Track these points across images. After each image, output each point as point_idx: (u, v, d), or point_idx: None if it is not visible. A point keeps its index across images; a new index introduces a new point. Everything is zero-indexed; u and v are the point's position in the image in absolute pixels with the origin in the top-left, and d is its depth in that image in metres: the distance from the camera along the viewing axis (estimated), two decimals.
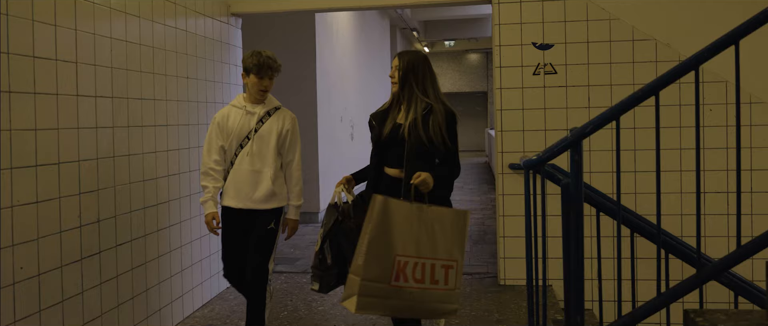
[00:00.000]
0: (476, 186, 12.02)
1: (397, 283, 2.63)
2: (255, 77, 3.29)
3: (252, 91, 3.34)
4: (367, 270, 2.58)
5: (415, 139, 2.84)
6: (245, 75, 3.32)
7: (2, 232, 2.56)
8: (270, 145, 3.32)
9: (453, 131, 2.92)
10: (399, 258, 2.62)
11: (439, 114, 2.87)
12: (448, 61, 22.47)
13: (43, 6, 2.82)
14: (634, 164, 4.38)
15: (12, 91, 2.62)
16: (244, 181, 3.31)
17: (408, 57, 2.99)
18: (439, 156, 2.88)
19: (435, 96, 2.95)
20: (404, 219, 2.65)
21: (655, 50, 4.41)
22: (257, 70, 3.27)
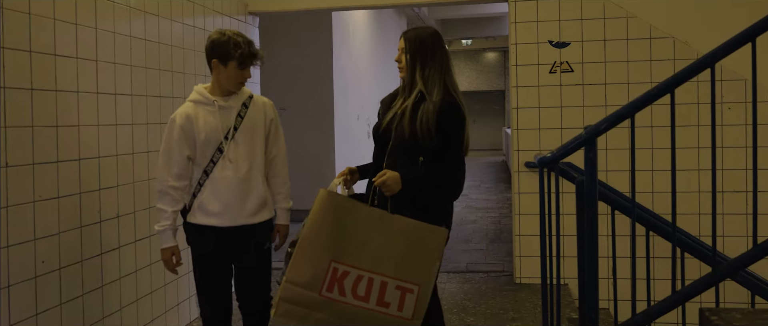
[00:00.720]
0: (493, 185, 11.99)
1: (329, 294, 2.22)
2: (237, 67, 2.66)
3: (227, 83, 2.69)
4: (295, 272, 2.22)
5: (398, 133, 2.41)
6: (219, 63, 2.66)
7: (24, 227, 2.62)
8: (257, 142, 2.74)
9: (451, 126, 2.39)
10: (335, 265, 2.23)
11: (431, 102, 2.39)
12: (465, 59, 22.42)
13: (65, 5, 2.88)
14: (650, 162, 4.36)
15: (34, 89, 2.68)
16: (231, 192, 2.66)
17: (414, 35, 2.52)
18: (424, 154, 2.38)
19: (440, 81, 2.47)
20: (355, 222, 2.26)
21: (673, 48, 4.38)
22: (242, 59, 2.65)
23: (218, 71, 2.67)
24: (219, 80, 2.70)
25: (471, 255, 5.88)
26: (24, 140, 2.62)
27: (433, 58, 2.49)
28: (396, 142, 2.41)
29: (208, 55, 2.69)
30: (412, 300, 2.21)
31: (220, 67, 2.66)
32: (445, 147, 2.37)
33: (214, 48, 2.66)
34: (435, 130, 2.34)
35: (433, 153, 2.37)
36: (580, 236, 2.53)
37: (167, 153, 2.67)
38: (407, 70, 2.50)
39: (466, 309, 4.23)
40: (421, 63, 2.48)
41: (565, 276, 4.39)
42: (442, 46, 2.53)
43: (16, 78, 2.58)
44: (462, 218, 8.04)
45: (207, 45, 2.69)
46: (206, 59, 2.70)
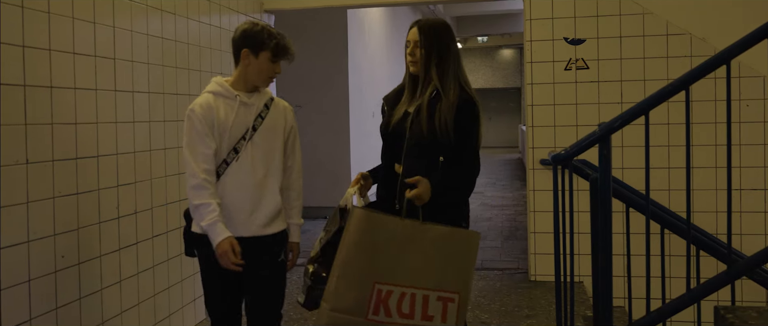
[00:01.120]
0: (508, 182, 11.96)
1: (375, 318, 2.12)
2: (269, 59, 2.46)
3: (256, 77, 2.48)
4: (338, 298, 2.12)
5: (415, 131, 2.34)
6: (250, 53, 2.45)
7: (44, 222, 2.66)
8: (276, 146, 2.52)
9: (468, 123, 2.34)
10: (380, 287, 2.14)
11: (448, 99, 2.32)
12: (481, 56, 22.35)
13: (83, 4, 2.92)
14: (667, 160, 4.33)
15: (53, 87, 2.72)
16: (242, 198, 2.45)
17: (429, 27, 2.42)
18: (444, 154, 2.33)
19: (454, 77, 2.40)
20: (391, 239, 2.16)
21: (689, 45, 4.35)
22: (276, 50, 2.46)
23: (247, 62, 2.46)
24: (247, 73, 2.48)
25: (486, 253, 5.88)
26: (44, 137, 2.67)
27: (448, 52, 2.41)
28: (413, 141, 2.33)
29: (237, 45, 2.48)
30: (454, 310, 2.15)
31: (251, 57, 2.45)
32: (462, 145, 2.33)
33: (246, 37, 2.45)
34: (452, 128, 2.30)
35: (451, 151, 2.32)
36: (594, 233, 2.52)
37: (191, 147, 2.41)
38: (421, 64, 2.40)
39: (481, 306, 4.24)
40: (436, 58, 2.38)
41: (580, 274, 4.38)
42: (455, 40, 2.47)
43: (36, 76, 2.63)
44: (477, 215, 8.03)
45: (236, 35, 2.49)
46: (234, 50, 2.50)
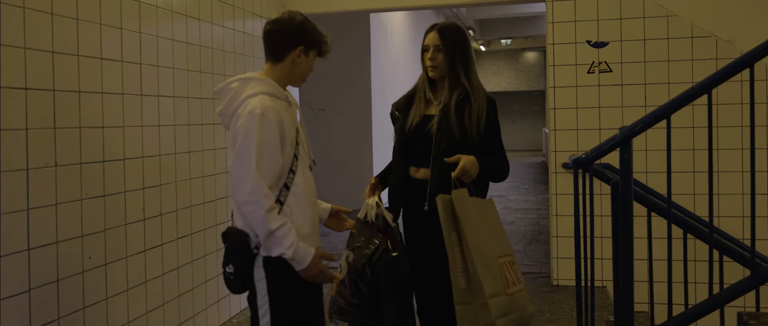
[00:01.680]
0: (532, 186, 11.89)
1: (511, 290, 2.18)
2: (315, 57, 2.26)
3: (299, 76, 2.27)
4: (488, 285, 2.11)
5: (445, 133, 2.37)
6: (302, 51, 2.20)
7: (72, 224, 2.73)
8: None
9: (496, 122, 2.45)
10: (500, 260, 2.21)
11: (477, 102, 2.39)
12: (504, 59, 22.25)
13: (110, 10, 2.98)
14: (692, 164, 4.27)
15: (81, 91, 2.79)
16: (313, 207, 2.25)
17: (453, 33, 2.45)
18: (475, 152, 2.37)
19: (476, 80, 2.47)
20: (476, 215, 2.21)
21: (715, 47, 4.29)
22: (323, 50, 2.26)
23: (296, 60, 2.21)
24: (293, 71, 2.22)
25: None
26: (72, 141, 2.73)
27: (469, 54, 2.48)
28: (444, 143, 2.36)
29: (288, 40, 2.18)
30: (518, 270, 2.27)
31: (302, 56, 2.21)
32: (494, 141, 2.45)
33: (302, 31, 2.18)
34: (484, 128, 2.40)
35: (481, 151, 2.40)
36: (615, 238, 2.51)
37: (258, 162, 2.03)
38: (447, 68, 2.43)
39: None
40: (462, 61, 2.44)
41: (603, 279, 4.34)
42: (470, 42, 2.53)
43: (64, 81, 2.69)
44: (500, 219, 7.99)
45: (288, 27, 2.19)
46: (277, 42, 2.22)
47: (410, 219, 2.57)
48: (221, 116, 2.21)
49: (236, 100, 2.13)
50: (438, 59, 2.45)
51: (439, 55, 2.44)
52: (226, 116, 2.17)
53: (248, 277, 2.11)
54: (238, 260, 2.11)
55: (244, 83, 2.16)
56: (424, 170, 2.44)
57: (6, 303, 2.38)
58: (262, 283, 2.12)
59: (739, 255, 2.64)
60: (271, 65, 2.24)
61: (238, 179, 2.05)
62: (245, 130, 2.04)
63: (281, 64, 2.21)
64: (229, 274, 2.15)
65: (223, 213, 4.00)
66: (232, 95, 2.14)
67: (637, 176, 3.67)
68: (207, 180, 3.82)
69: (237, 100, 2.13)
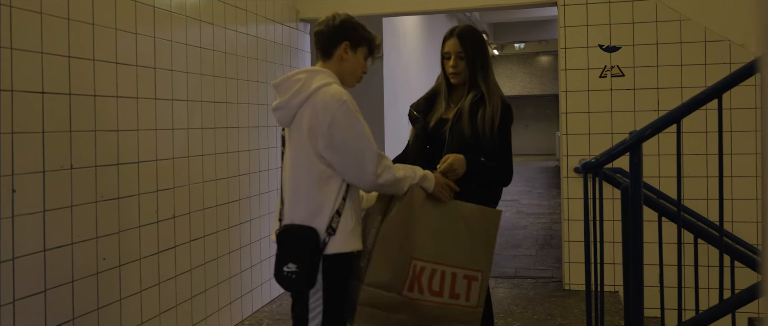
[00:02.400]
0: (545, 190, 11.84)
1: (410, 294, 2.10)
2: (365, 56, 2.30)
3: (351, 74, 2.29)
4: (374, 273, 2.08)
5: (457, 134, 2.41)
6: (349, 47, 2.24)
7: (87, 225, 2.77)
8: None
9: (506, 128, 2.47)
10: (415, 262, 2.12)
11: (492, 103, 2.42)
12: (518, 63, 22.21)
13: (125, 15, 3.03)
14: (705, 168, 4.25)
15: (97, 95, 2.83)
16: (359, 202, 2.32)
17: (472, 38, 2.48)
18: (484, 154, 2.42)
19: (494, 82, 2.50)
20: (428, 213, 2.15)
21: (728, 52, 4.27)
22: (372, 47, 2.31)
23: (344, 58, 2.23)
24: (342, 68, 2.24)
25: (520, 261, 5.84)
26: (87, 144, 2.78)
27: (488, 58, 2.52)
28: (455, 143, 2.40)
29: (333, 36, 2.23)
30: (476, 288, 2.16)
31: (350, 52, 2.24)
32: (501, 144, 2.44)
33: (347, 27, 2.23)
34: (496, 131, 2.40)
35: (490, 152, 2.42)
36: (625, 242, 2.51)
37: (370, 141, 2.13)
38: (468, 72, 2.46)
39: (513, 314, 4.22)
40: (481, 66, 2.47)
41: (615, 284, 4.33)
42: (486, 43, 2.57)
43: (80, 85, 2.74)
44: (512, 223, 7.99)
45: (333, 24, 2.24)
46: (324, 41, 2.26)
47: None
48: (281, 109, 2.17)
49: (306, 90, 2.12)
50: (460, 66, 2.47)
51: (460, 63, 2.47)
52: (290, 108, 2.15)
53: (314, 274, 2.09)
54: (303, 256, 2.08)
55: (311, 75, 2.16)
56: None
57: (22, 303, 2.43)
58: (318, 283, 2.11)
59: (751, 260, 2.63)
60: (323, 64, 2.26)
61: (362, 160, 2.08)
62: (344, 117, 2.07)
63: (330, 61, 2.24)
64: (289, 273, 2.10)
65: (235, 216, 4.03)
66: (300, 86, 2.13)
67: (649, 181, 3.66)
68: (220, 184, 3.86)
69: (307, 90, 2.12)
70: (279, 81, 2.19)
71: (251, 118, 4.25)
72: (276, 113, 2.19)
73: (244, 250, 4.16)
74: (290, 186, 2.15)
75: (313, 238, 2.07)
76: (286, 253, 2.11)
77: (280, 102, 2.16)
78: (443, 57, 2.56)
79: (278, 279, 2.16)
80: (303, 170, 2.11)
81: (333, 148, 2.07)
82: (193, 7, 3.58)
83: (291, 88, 2.14)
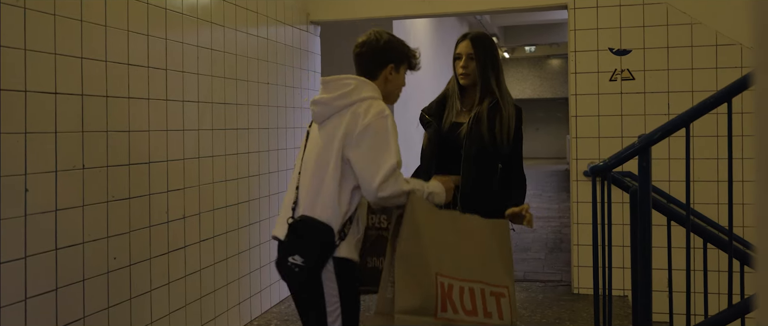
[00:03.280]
0: (555, 194, 11.81)
1: (444, 315, 1.91)
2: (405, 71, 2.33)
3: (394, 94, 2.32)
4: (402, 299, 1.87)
5: (476, 139, 2.42)
6: (394, 68, 2.26)
7: (98, 225, 2.80)
8: None
9: (519, 132, 2.52)
10: (441, 279, 1.94)
11: (507, 110, 2.46)
12: (528, 66, 22.16)
13: (138, 17, 3.06)
14: (716, 173, 4.23)
15: (108, 96, 2.86)
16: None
17: (484, 42, 2.53)
18: (501, 160, 2.47)
19: (505, 88, 2.54)
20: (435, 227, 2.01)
21: (740, 55, 4.25)
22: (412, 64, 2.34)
23: (388, 78, 2.26)
24: (387, 88, 2.26)
25: (529, 264, 5.83)
26: (99, 144, 2.80)
27: (499, 63, 2.56)
28: (473, 148, 2.42)
29: (378, 59, 2.23)
30: (507, 305, 2.00)
31: (393, 73, 2.26)
32: (515, 150, 2.50)
33: (391, 49, 2.25)
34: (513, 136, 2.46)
35: (506, 158, 2.47)
36: (634, 246, 2.50)
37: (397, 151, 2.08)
38: (480, 77, 2.50)
39: (522, 317, 4.21)
40: (493, 71, 2.51)
41: (624, 288, 4.31)
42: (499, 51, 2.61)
43: (92, 86, 2.77)
44: (522, 227, 7.95)
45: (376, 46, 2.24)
46: (366, 61, 2.26)
47: None
48: (323, 104, 2.16)
49: (354, 96, 2.13)
50: (470, 67, 2.52)
51: (471, 64, 2.51)
52: (333, 106, 2.14)
53: (316, 272, 2.05)
54: (313, 251, 2.04)
55: (363, 84, 2.17)
56: (454, 177, 2.45)
57: (33, 301, 2.45)
58: (331, 284, 2.06)
59: None
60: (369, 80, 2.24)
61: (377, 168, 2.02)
62: (381, 128, 2.06)
63: (375, 82, 2.23)
64: (293, 265, 2.06)
65: (245, 217, 4.05)
66: (350, 90, 2.13)
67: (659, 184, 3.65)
68: (229, 184, 3.88)
69: (355, 96, 2.13)
70: (329, 79, 2.20)
71: (261, 120, 4.27)
72: (315, 107, 2.18)
73: (253, 251, 4.17)
74: (312, 182, 2.12)
75: (329, 236, 2.04)
76: (296, 244, 2.08)
77: (324, 98, 2.16)
78: (455, 58, 2.61)
79: (279, 268, 2.13)
80: (329, 170, 2.08)
81: (356, 147, 2.05)
82: (204, 9, 3.61)
83: (340, 88, 2.14)
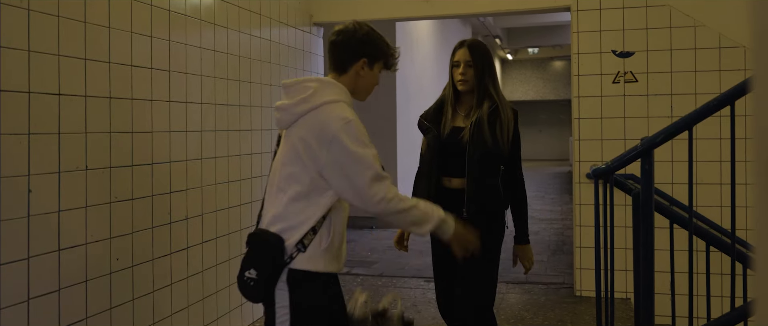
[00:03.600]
0: (557, 195, 11.79)
1: None
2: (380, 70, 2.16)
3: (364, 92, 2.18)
4: None
5: (479, 142, 2.49)
6: (366, 64, 2.11)
7: (100, 226, 2.80)
8: None
9: (518, 133, 2.62)
10: None
11: (505, 113, 2.54)
12: (532, 68, 22.15)
13: (141, 19, 3.07)
14: (719, 175, 4.22)
15: (112, 97, 2.87)
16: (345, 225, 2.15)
17: (481, 50, 2.61)
18: (503, 162, 2.57)
19: (501, 93, 2.64)
20: None
21: (743, 58, 4.24)
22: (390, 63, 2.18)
23: (360, 74, 2.10)
24: (356, 85, 2.12)
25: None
26: (102, 145, 2.81)
27: (495, 70, 2.65)
28: (477, 151, 2.49)
29: (352, 51, 2.09)
30: None
31: (366, 69, 2.10)
32: (515, 152, 2.60)
33: (368, 42, 2.08)
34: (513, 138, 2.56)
35: (507, 159, 2.57)
36: (636, 249, 2.50)
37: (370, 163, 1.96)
38: (477, 82, 2.58)
39: (524, 320, 4.21)
40: (490, 76, 2.60)
41: (626, 291, 4.31)
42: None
43: (96, 87, 2.78)
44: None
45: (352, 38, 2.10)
46: (338, 54, 2.12)
47: None
48: (284, 111, 2.06)
49: (314, 100, 2.00)
50: (468, 74, 2.60)
51: (469, 71, 2.59)
52: (293, 113, 2.03)
53: (271, 286, 1.99)
54: (264, 264, 1.97)
55: (323, 85, 2.04)
56: (457, 180, 2.56)
57: (36, 301, 2.46)
58: (283, 295, 1.98)
59: None
60: (336, 77, 2.12)
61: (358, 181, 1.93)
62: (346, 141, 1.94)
63: (345, 76, 2.10)
64: (249, 279, 2.00)
65: (247, 219, 4.06)
66: (310, 94, 2.01)
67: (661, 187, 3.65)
68: (232, 186, 3.88)
69: (315, 101, 2.00)
70: (290, 82, 2.09)
71: (264, 121, 4.28)
72: (277, 113, 2.09)
73: None
74: (273, 191, 2.05)
75: (278, 248, 1.96)
76: (251, 258, 2.03)
77: (285, 104, 2.06)
78: (453, 65, 2.69)
79: (238, 283, 2.06)
80: (290, 179, 2.00)
81: (330, 168, 1.95)
82: (208, 10, 3.61)
83: (300, 93, 2.03)
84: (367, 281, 5.28)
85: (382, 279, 5.30)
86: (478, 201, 2.49)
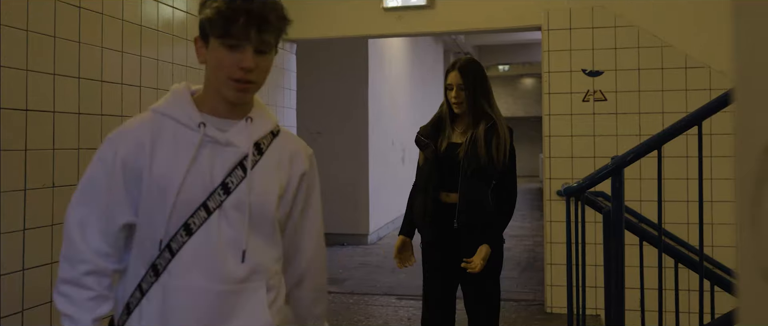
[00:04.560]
0: (528, 212, 11.89)
1: None
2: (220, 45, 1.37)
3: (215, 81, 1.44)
4: None
5: (472, 159, 2.55)
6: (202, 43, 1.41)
7: None
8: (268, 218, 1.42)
9: (513, 150, 2.69)
10: None
11: (502, 130, 2.62)
12: (502, 85, 22.39)
13: (112, 34, 3.03)
14: (686, 193, 4.30)
15: (81, 113, 2.82)
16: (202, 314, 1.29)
17: (473, 71, 2.64)
18: (496, 177, 2.62)
19: (498, 109, 2.69)
20: None
21: (709, 78, 4.35)
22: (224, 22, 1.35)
23: (202, 58, 1.43)
24: (206, 75, 1.45)
25: (502, 283, 5.78)
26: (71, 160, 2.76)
27: (489, 86, 2.68)
28: (471, 167, 2.55)
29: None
30: None
31: (203, 48, 1.41)
32: (511, 167, 2.66)
33: (201, 18, 1.39)
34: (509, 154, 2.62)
35: (501, 174, 2.62)
36: (607, 266, 2.53)
37: (86, 207, 1.35)
38: (471, 104, 2.62)
39: None
40: (484, 96, 2.63)
41: (596, 307, 4.34)
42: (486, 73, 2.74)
43: (89, 105, 2.74)
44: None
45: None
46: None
47: (443, 238, 2.70)
48: None
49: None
50: (461, 97, 2.62)
51: (461, 94, 2.62)
52: None
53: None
54: None
55: (168, 93, 1.55)
56: (454, 194, 2.61)
57: (30, 312, 2.39)
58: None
59: (730, 285, 2.66)
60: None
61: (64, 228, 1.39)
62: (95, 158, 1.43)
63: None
64: None
65: None
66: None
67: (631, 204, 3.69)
68: None
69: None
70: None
71: None
72: None
73: None
74: None
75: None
76: None
77: None
78: (446, 88, 2.70)
79: None
80: None
81: None
82: (180, 25, 3.58)
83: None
84: (338, 299, 5.24)
85: (353, 297, 5.27)
86: (468, 215, 2.57)
